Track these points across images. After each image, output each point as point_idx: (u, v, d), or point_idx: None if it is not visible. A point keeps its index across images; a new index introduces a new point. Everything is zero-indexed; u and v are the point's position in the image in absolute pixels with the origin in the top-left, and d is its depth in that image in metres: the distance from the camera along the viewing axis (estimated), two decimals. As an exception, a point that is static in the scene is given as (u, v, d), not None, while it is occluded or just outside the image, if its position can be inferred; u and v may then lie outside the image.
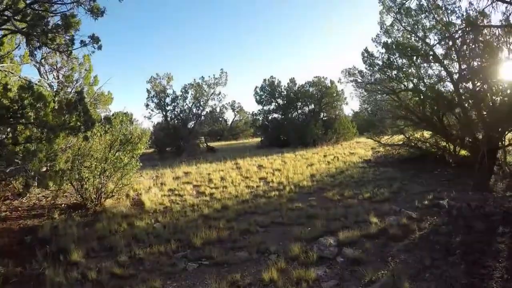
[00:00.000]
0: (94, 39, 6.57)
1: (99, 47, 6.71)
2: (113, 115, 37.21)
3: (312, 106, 30.49)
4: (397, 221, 7.54)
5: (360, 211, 8.39)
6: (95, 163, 10.45)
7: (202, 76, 28.69)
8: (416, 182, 11.67)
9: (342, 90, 29.97)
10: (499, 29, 12.74)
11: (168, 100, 28.10)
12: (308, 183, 12.51)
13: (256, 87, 31.81)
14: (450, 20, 13.52)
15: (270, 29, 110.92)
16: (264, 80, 31.47)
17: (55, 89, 15.48)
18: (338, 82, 16.65)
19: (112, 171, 10.92)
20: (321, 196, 10.61)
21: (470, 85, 13.02)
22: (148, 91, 27.97)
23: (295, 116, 30.61)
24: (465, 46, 13.33)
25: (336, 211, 8.59)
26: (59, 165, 10.64)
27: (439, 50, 13.98)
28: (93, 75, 15.61)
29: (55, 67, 15.11)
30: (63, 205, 11.13)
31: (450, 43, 13.52)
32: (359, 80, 15.89)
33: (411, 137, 16.01)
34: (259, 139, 34.12)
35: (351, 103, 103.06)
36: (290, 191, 11.52)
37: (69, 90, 15.21)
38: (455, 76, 13.58)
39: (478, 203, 8.67)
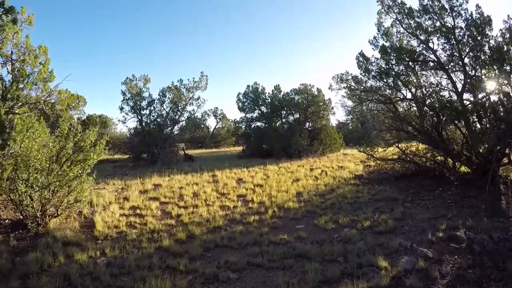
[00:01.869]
0: (7, 10, 4.62)
1: (14, 21, 4.76)
2: (88, 118, 34.48)
3: (298, 115, 28.80)
4: (412, 264, 5.78)
5: (362, 248, 6.58)
6: (35, 175, 8.41)
7: (180, 79, 26.69)
8: (420, 204, 9.99)
9: (329, 99, 28.46)
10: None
11: (144, 103, 26.01)
12: (294, 204, 10.63)
13: (239, 93, 30.02)
14: (455, 23, 12.15)
15: (259, 34, 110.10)
16: (248, 86, 29.66)
17: (7, 83, 13.45)
18: (329, 89, 14.97)
19: (58, 185, 8.91)
20: (311, 224, 8.74)
21: (478, 94, 11.67)
22: (123, 93, 25.87)
23: (279, 125, 28.82)
24: (471, 53, 11.99)
25: (333, 247, 6.72)
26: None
27: (443, 57, 12.61)
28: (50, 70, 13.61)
29: (10, 59, 13.12)
30: (7, 221, 9.24)
31: (455, 48, 12.17)
32: (353, 87, 14.25)
33: (406, 151, 14.44)
34: (241, 148, 32.26)
35: (337, 113, 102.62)
36: (273, 215, 9.62)
37: (20, 86, 13.29)
38: (459, 85, 12.19)
39: (500, 234, 7.18)
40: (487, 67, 11.54)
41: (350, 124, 39.93)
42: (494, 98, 11.34)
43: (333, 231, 8.01)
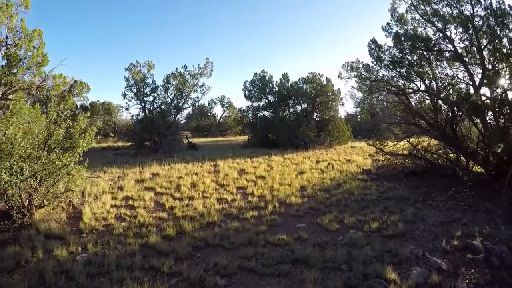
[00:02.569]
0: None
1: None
2: (91, 104, 33.86)
3: (305, 105, 27.88)
4: (424, 278, 5.10)
5: (369, 255, 5.87)
6: (20, 163, 7.83)
7: (184, 65, 25.83)
8: (432, 206, 9.24)
9: (338, 89, 27.46)
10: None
11: (147, 90, 25.35)
12: (297, 199, 9.94)
13: (246, 81, 29.15)
14: (474, 12, 11.24)
15: (268, 23, 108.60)
16: (255, 74, 28.76)
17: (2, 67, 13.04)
18: (338, 77, 14.14)
19: (45, 174, 8.35)
20: (313, 223, 8.05)
21: (496, 89, 10.82)
22: (126, 79, 25.21)
23: (286, 115, 27.96)
24: (489, 45, 11.09)
25: (336, 252, 6.03)
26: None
27: (459, 48, 11.74)
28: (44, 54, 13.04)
29: (5, 43, 12.62)
30: (-3, 210, 8.75)
31: (474, 39, 11.28)
32: (364, 76, 13.40)
33: (417, 146, 13.62)
34: (246, 137, 31.53)
35: (346, 105, 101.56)
36: (273, 211, 8.94)
37: (14, 71, 12.84)
38: (477, 78, 11.34)
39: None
40: (506, 60, 10.68)
41: (359, 116, 39.04)
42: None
43: (337, 232, 7.33)
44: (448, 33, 11.77)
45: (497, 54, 10.74)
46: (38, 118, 11.04)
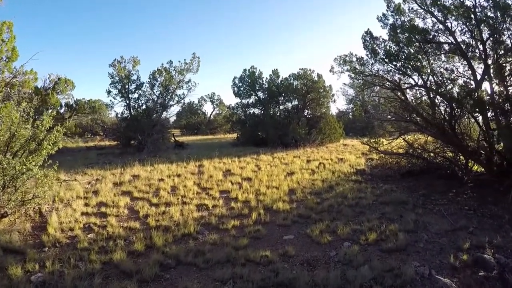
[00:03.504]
0: None
1: None
2: (76, 102, 32.45)
3: (296, 102, 26.97)
4: (434, 306, 4.26)
5: (367, 276, 4.94)
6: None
7: (170, 61, 24.74)
8: (433, 210, 8.41)
9: (330, 85, 26.61)
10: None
11: (132, 87, 24.29)
12: (284, 205, 9.03)
13: (235, 77, 28.17)
14: (477, 2, 10.48)
15: (259, 19, 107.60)
16: (244, 70, 27.77)
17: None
18: (330, 71, 13.25)
19: (7, 180, 7.41)
20: (302, 234, 7.13)
21: (498, 84, 10.10)
22: (111, 75, 24.13)
23: (276, 112, 27.10)
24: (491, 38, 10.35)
25: (328, 273, 5.09)
26: None
27: (461, 41, 10.97)
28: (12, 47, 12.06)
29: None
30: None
31: (476, 31, 10.52)
32: (357, 70, 12.56)
33: (414, 144, 12.84)
34: (235, 135, 30.61)
35: (338, 102, 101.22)
36: (257, 220, 8.00)
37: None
38: (477, 73, 10.59)
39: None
40: (509, 54, 9.96)
41: (350, 113, 38.33)
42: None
43: (330, 246, 6.42)
44: (448, 25, 11.00)
45: (500, 48, 10.03)
46: (10, 117, 10.15)
